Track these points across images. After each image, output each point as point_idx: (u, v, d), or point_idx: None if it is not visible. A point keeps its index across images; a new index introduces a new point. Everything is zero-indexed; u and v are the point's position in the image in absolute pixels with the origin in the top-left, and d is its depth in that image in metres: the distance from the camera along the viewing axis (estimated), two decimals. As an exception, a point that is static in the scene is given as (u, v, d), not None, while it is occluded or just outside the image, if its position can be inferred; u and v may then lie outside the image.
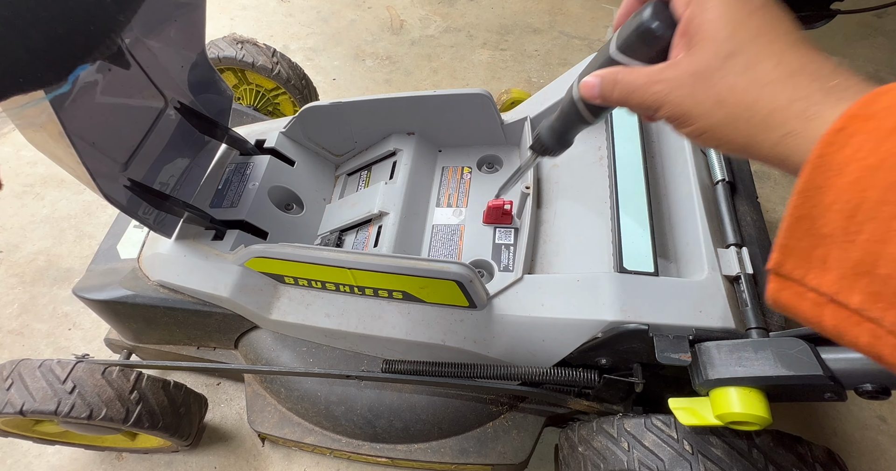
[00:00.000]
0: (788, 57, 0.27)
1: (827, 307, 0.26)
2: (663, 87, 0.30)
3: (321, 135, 0.84)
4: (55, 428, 0.81)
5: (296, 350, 0.74)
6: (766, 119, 0.27)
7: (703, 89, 0.29)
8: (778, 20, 0.28)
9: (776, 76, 0.27)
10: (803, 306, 0.27)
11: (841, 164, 0.24)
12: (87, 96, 0.54)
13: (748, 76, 0.28)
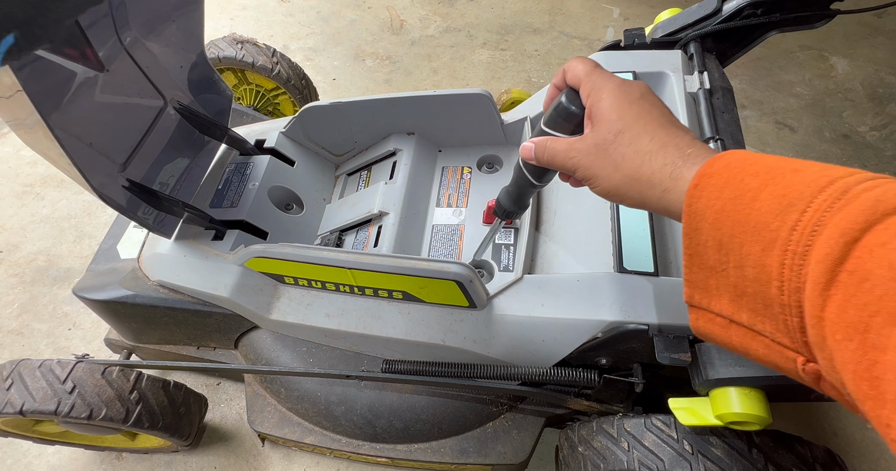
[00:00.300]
0: (659, 134, 0.36)
1: (731, 328, 0.33)
2: (576, 155, 0.39)
3: (321, 135, 0.84)
4: (55, 428, 0.81)
5: (296, 350, 0.74)
6: (649, 180, 0.36)
7: (603, 157, 0.37)
8: (651, 106, 0.38)
9: (651, 148, 0.36)
10: (716, 330, 0.34)
11: (702, 210, 0.32)
12: (85, 96, 0.54)
13: (632, 148, 0.36)
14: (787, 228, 0.28)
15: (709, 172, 0.32)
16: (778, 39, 1.53)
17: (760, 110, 1.40)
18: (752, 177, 0.30)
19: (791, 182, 0.29)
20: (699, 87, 0.69)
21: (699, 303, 0.35)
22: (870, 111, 1.38)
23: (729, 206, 0.30)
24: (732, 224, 0.30)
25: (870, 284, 0.24)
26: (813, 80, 1.46)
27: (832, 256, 0.25)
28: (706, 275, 0.33)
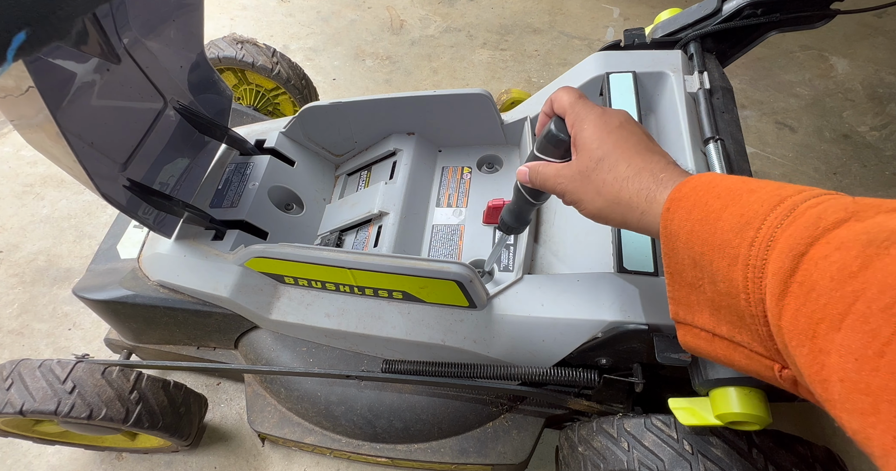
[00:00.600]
0: (636, 160, 0.39)
1: (714, 341, 0.35)
2: (563, 180, 0.43)
3: (321, 135, 0.84)
4: (55, 428, 0.81)
5: (296, 350, 0.74)
6: (628, 203, 0.38)
7: (586, 183, 0.41)
8: (630, 134, 0.41)
9: (628, 174, 0.38)
10: (702, 345, 0.36)
11: (676, 231, 0.34)
12: (86, 96, 0.54)
13: (612, 174, 0.39)
14: (746, 245, 0.30)
15: (678, 196, 0.35)
16: (778, 39, 1.53)
17: (760, 110, 1.40)
18: (714, 199, 0.33)
19: (748, 202, 0.31)
20: (699, 87, 0.69)
21: (684, 319, 0.37)
22: (870, 111, 1.38)
23: (697, 226, 0.33)
24: (702, 243, 0.33)
25: (815, 293, 0.26)
26: (813, 80, 1.46)
27: (784, 269, 0.27)
28: (687, 292, 0.36)
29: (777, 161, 1.28)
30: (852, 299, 0.24)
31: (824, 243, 0.26)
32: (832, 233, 0.26)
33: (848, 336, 0.24)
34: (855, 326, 0.24)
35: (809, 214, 0.28)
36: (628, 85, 0.71)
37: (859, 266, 0.25)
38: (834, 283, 0.25)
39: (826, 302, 0.25)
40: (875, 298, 0.23)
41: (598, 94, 0.75)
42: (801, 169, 1.27)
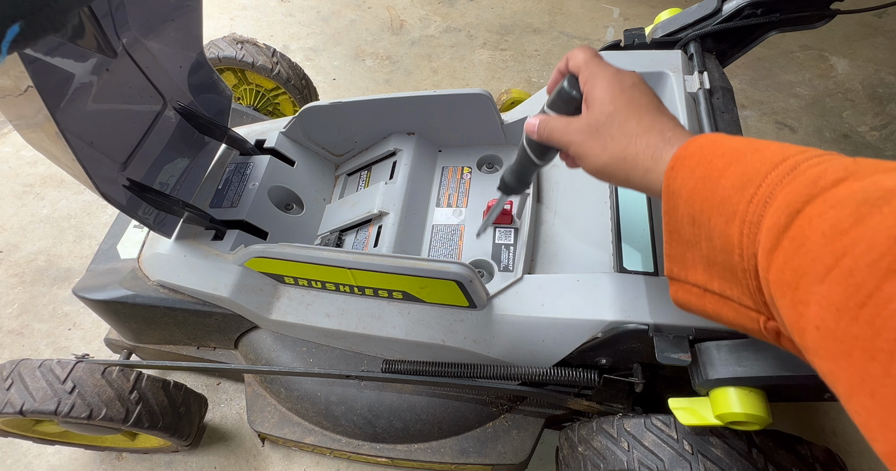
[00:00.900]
0: (645, 119, 0.40)
1: (705, 297, 0.37)
2: (571, 133, 0.43)
3: (321, 135, 0.84)
4: (55, 428, 0.81)
5: (296, 350, 0.74)
6: (633, 160, 0.39)
7: (594, 137, 0.41)
8: (641, 94, 0.42)
9: (637, 131, 0.39)
10: (692, 300, 0.38)
11: (678, 189, 0.35)
12: (85, 95, 0.54)
13: (621, 130, 0.40)
14: (744, 202, 0.31)
15: (683, 154, 0.36)
16: (778, 39, 1.53)
17: (760, 110, 1.40)
18: (719, 157, 0.34)
19: (751, 161, 0.32)
20: (699, 87, 0.69)
21: (678, 275, 0.38)
22: (870, 111, 1.38)
23: (700, 184, 0.34)
24: (702, 201, 0.34)
25: (805, 248, 0.27)
26: (813, 80, 1.46)
27: (779, 225, 0.28)
28: (683, 249, 0.37)
29: (777, 161, 1.28)
30: (841, 254, 0.25)
31: (821, 202, 0.27)
32: (829, 192, 0.27)
33: (830, 288, 0.25)
34: (839, 280, 0.25)
35: (809, 173, 0.29)
36: (628, 85, 0.71)
37: (851, 223, 0.25)
38: (825, 238, 0.26)
39: (815, 257, 0.26)
40: (863, 253, 0.24)
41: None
42: (801, 169, 1.26)
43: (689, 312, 0.39)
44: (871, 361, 0.23)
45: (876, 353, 0.23)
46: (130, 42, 0.59)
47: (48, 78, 0.48)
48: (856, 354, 0.24)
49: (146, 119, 0.66)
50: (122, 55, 0.59)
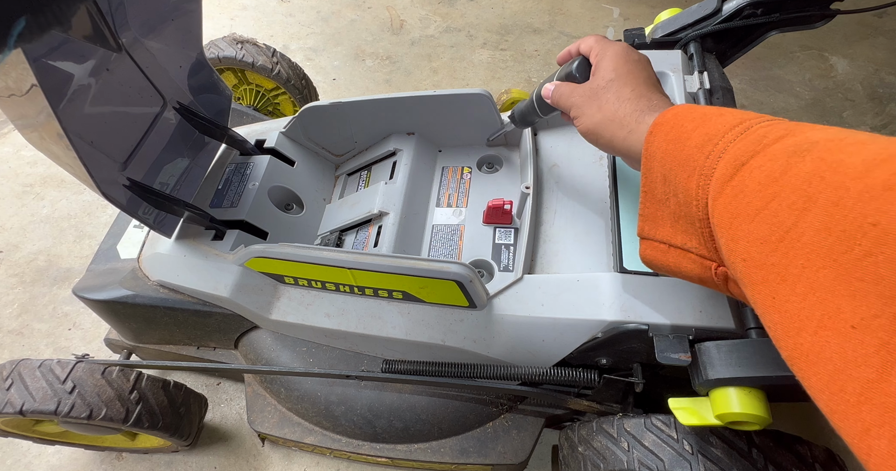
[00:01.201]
0: (640, 88, 0.45)
1: (669, 251, 0.40)
2: (575, 96, 0.48)
3: (321, 135, 0.84)
4: (55, 428, 0.81)
5: (296, 350, 0.74)
6: (621, 121, 0.43)
7: (593, 99, 0.46)
8: (642, 69, 0.47)
9: (630, 97, 0.44)
10: (657, 255, 0.42)
11: (654, 152, 0.39)
12: (85, 94, 0.54)
13: (616, 95, 0.45)
14: (703, 157, 0.35)
15: (661, 120, 0.40)
16: (778, 39, 1.53)
17: (760, 110, 1.39)
18: (689, 121, 0.38)
19: (714, 124, 0.36)
20: (699, 87, 0.69)
21: (648, 234, 0.42)
22: (870, 111, 1.38)
23: (671, 146, 0.38)
24: (672, 160, 0.37)
25: (743, 194, 0.31)
26: (813, 80, 1.46)
27: (726, 175, 0.33)
28: (655, 208, 0.41)
29: (777, 161, 1.28)
30: (770, 198, 0.29)
31: (762, 156, 0.31)
32: (771, 147, 0.31)
33: (758, 226, 0.29)
34: (765, 219, 0.29)
35: (758, 133, 0.33)
36: (628, 85, 0.71)
37: (781, 172, 0.29)
38: (759, 186, 0.30)
39: (749, 201, 0.30)
40: (786, 196, 0.28)
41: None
42: (801, 169, 1.26)
43: (655, 268, 0.43)
44: (781, 283, 0.27)
45: (787, 276, 0.27)
46: (130, 42, 0.59)
47: (52, 76, 0.48)
48: (771, 278, 0.28)
49: (146, 119, 0.66)
50: (121, 55, 0.59)
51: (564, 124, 0.80)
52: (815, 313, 0.25)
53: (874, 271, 0.23)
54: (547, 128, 0.80)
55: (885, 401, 0.22)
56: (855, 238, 0.24)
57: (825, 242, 0.25)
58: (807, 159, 0.28)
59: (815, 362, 0.25)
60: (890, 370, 0.22)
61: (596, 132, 0.45)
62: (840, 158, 0.27)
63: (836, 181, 0.26)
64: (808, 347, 0.26)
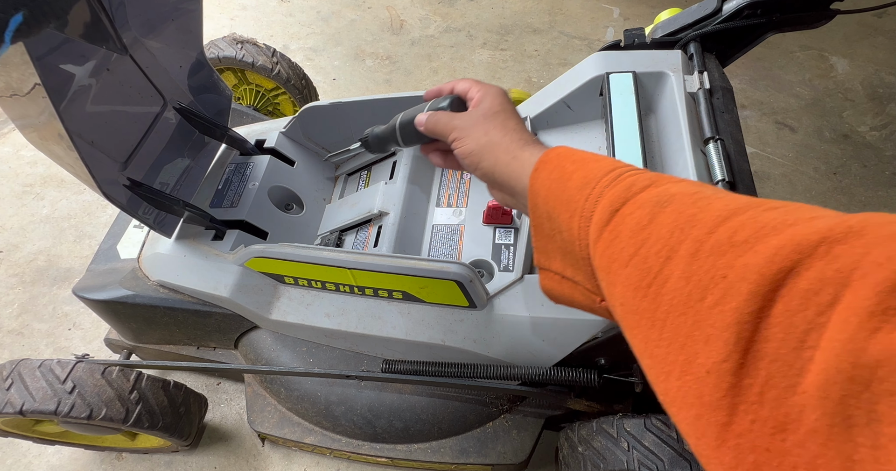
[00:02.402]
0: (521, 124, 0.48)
1: (563, 282, 0.42)
2: (457, 122, 0.49)
3: (321, 135, 0.84)
4: (55, 428, 0.81)
5: (296, 350, 0.74)
6: (506, 147, 0.46)
7: (479, 124, 0.48)
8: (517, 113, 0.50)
9: (514, 128, 0.47)
10: (553, 285, 0.44)
11: (538, 189, 0.41)
12: (86, 94, 0.54)
13: (503, 124, 0.47)
14: (582, 200, 0.37)
15: (545, 159, 0.42)
16: (778, 39, 1.53)
17: (760, 110, 1.40)
18: (570, 163, 0.40)
19: (591, 168, 0.38)
20: (699, 87, 0.69)
21: (543, 265, 0.44)
22: (870, 111, 1.38)
23: (554, 185, 0.40)
24: (555, 199, 0.39)
25: (618, 240, 0.33)
26: (813, 80, 1.46)
27: (603, 219, 0.35)
28: (545, 242, 0.43)
29: (777, 161, 1.28)
30: (640, 245, 0.31)
31: (631, 203, 0.34)
32: (638, 196, 0.34)
33: (631, 272, 0.31)
34: (637, 265, 0.31)
35: (627, 181, 0.35)
36: (628, 85, 0.71)
37: (648, 220, 0.32)
38: (631, 232, 0.32)
39: (623, 247, 0.32)
40: (653, 244, 0.30)
41: (598, 94, 0.75)
42: (801, 169, 1.27)
43: (552, 297, 0.45)
44: (651, 328, 0.29)
45: (655, 321, 0.29)
46: (130, 42, 0.59)
47: (54, 75, 0.48)
48: (643, 323, 0.30)
49: (146, 119, 0.66)
50: (122, 55, 0.59)
51: (564, 124, 0.80)
52: (679, 359, 0.27)
53: (722, 319, 0.25)
54: (547, 128, 0.80)
55: (737, 443, 0.23)
56: (708, 288, 0.26)
57: (685, 290, 0.27)
58: (668, 210, 0.31)
59: (682, 406, 0.26)
60: (737, 412, 0.24)
61: (480, 154, 0.47)
62: (694, 212, 0.30)
63: (693, 234, 0.29)
64: (675, 392, 0.27)
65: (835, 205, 1.20)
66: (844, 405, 0.21)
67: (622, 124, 0.72)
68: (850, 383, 0.20)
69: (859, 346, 0.20)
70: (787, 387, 0.23)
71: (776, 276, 0.24)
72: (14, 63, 0.44)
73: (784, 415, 0.22)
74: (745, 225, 0.27)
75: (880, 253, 0.22)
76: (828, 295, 0.22)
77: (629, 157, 0.68)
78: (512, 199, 0.47)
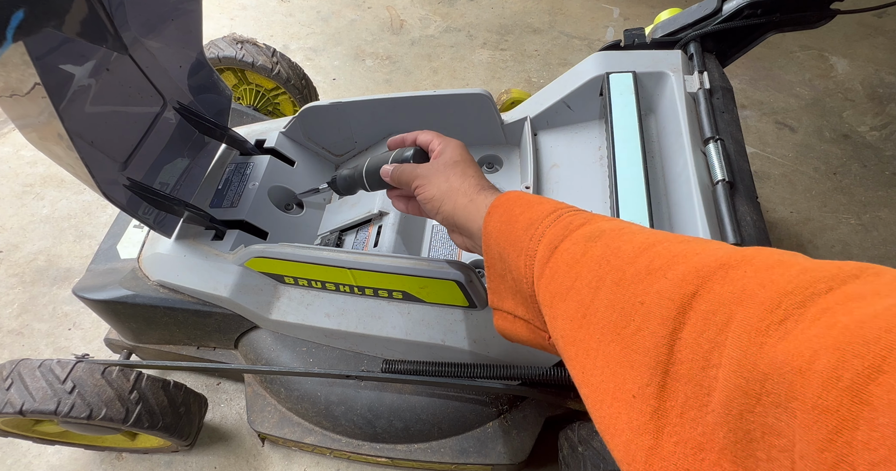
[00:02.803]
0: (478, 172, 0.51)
1: (515, 321, 0.44)
2: (421, 171, 0.52)
3: (321, 135, 0.84)
4: (55, 428, 0.81)
5: (296, 350, 0.74)
6: (465, 191, 0.48)
7: (441, 172, 0.51)
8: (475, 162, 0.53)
9: (473, 175, 0.50)
10: (507, 325, 0.45)
11: (491, 231, 0.43)
12: (85, 94, 0.54)
13: (462, 172, 0.50)
14: (527, 240, 0.39)
15: (497, 203, 0.44)
16: (778, 39, 1.53)
17: (760, 110, 1.40)
18: (517, 206, 0.42)
19: (536, 210, 0.40)
20: (699, 87, 0.69)
21: (496, 305, 0.46)
22: (870, 111, 1.38)
23: (504, 227, 0.42)
24: (505, 240, 0.41)
25: (557, 275, 0.35)
26: (813, 80, 1.46)
27: (544, 256, 0.37)
28: (498, 282, 0.44)
29: (777, 161, 1.28)
30: (575, 278, 0.33)
31: (568, 240, 0.36)
32: (574, 233, 0.36)
33: (568, 305, 0.33)
34: (573, 297, 0.33)
35: (566, 220, 0.38)
36: (628, 85, 0.71)
37: (581, 254, 0.34)
38: (567, 267, 0.34)
39: (562, 281, 0.34)
40: (585, 276, 0.32)
41: (598, 94, 0.75)
42: (801, 169, 1.27)
43: (506, 337, 0.46)
44: (586, 357, 0.30)
45: (589, 350, 0.30)
46: (130, 41, 0.59)
47: (53, 75, 0.48)
48: (580, 353, 0.31)
49: (146, 119, 0.66)
50: (122, 54, 0.59)
51: (564, 124, 0.80)
52: (610, 386, 0.28)
53: (643, 344, 0.26)
54: (547, 128, 0.80)
55: (662, 466, 0.24)
56: (630, 315, 0.28)
57: (612, 318, 0.29)
58: (598, 244, 0.33)
59: (614, 433, 0.27)
60: (661, 435, 0.24)
61: (440, 199, 0.49)
62: (619, 245, 0.32)
63: (617, 265, 0.31)
64: (608, 419, 0.27)
65: (835, 205, 1.20)
66: (743, 421, 0.21)
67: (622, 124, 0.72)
68: (745, 398, 0.21)
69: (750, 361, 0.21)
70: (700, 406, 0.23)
71: (683, 300, 0.26)
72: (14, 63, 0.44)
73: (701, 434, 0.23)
74: (660, 254, 0.29)
75: (765, 276, 0.24)
76: (724, 315, 0.24)
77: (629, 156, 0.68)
78: (470, 241, 0.49)
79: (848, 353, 0.18)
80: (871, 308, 0.19)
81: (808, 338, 0.20)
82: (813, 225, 1.17)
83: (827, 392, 0.18)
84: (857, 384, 0.17)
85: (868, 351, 0.18)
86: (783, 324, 0.21)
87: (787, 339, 0.21)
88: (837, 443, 0.17)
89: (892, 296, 0.20)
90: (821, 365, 0.19)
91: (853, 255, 1.12)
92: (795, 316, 0.21)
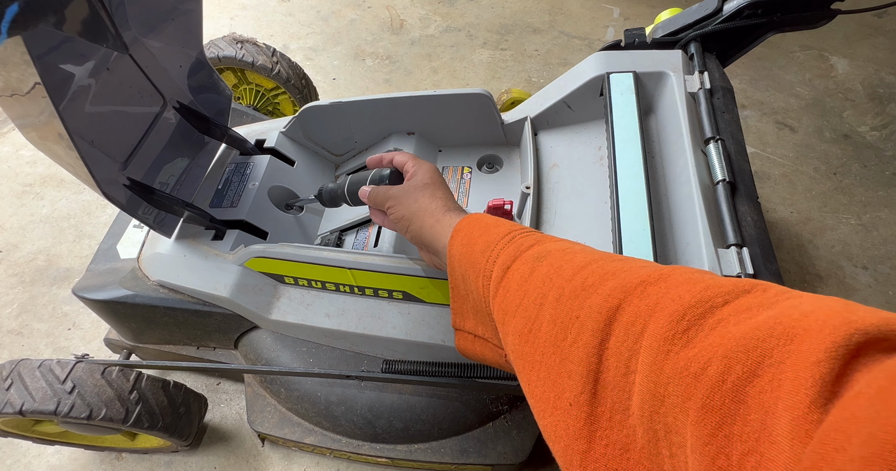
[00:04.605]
0: (447, 194, 0.53)
1: (476, 341, 0.46)
2: (393, 192, 0.54)
3: (321, 135, 0.84)
4: (55, 428, 0.80)
5: (296, 350, 0.74)
6: (432, 212, 0.50)
7: (411, 194, 0.53)
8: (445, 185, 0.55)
9: (441, 196, 0.52)
10: (467, 345, 0.47)
11: (454, 254, 0.45)
12: (85, 94, 0.54)
13: (431, 194, 0.52)
14: (484, 261, 0.41)
15: (459, 227, 0.46)
16: (778, 39, 1.53)
17: (760, 110, 1.40)
18: (477, 229, 0.44)
19: (492, 233, 0.42)
20: (699, 87, 0.69)
21: (459, 326, 0.47)
22: (870, 111, 1.38)
23: (465, 249, 0.44)
24: (465, 262, 0.43)
25: (508, 293, 0.37)
26: (813, 80, 1.46)
27: (498, 277, 0.38)
28: (461, 302, 0.46)
29: (777, 161, 1.28)
30: (523, 296, 0.35)
31: (519, 260, 0.38)
32: (525, 253, 0.38)
33: (517, 321, 0.35)
34: (521, 314, 0.34)
35: (518, 241, 0.40)
36: (628, 85, 0.71)
37: (529, 273, 0.36)
38: (517, 285, 0.36)
39: (512, 299, 0.36)
40: (531, 293, 0.34)
41: (598, 94, 0.75)
42: (801, 169, 1.27)
43: (468, 357, 0.48)
44: (532, 370, 0.32)
45: (534, 363, 0.32)
46: (130, 41, 0.59)
47: (54, 75, 0.48)
48: (527, 366, 0.32)
49: (146, 119, 0.66)
50: (122, 54, 0.59)
51: (565, 124, 0.80)
52: (551, 395, 0.30)
53: (577, 355, 0.28)
54: (547, 128, 0.80)
55: (594, 467, 0.26)
56: (568, 328, 0.30)
57: (553, 332, 0.31)
58: (543, 264, 0.35)
59: (555, 440, 0.28)
60: (594, 439, 0.26)
61: (409, 219, 0.51)
62: (561, 264, 0.34)
63: (558, 282, 0.33)
64: (551, 427, 0.29)
65: (835, 205, 1.20)
66: (652, 421, 0.24)
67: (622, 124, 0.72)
68: (654, 400, 0.24)
69: (658, 366, 0.24)
70: (623, 410, 0.26)
71: (609, 312, 0.28)
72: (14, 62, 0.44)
73: (626, 436, 0.25)
74: (594, 272, 0.32)
75: (675, 292, 0.26)
76: (639, 325, 0.26)
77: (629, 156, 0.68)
78: (438, 259, 0.51)
79: (733, 360, 0.21)
80: (754, 320, 0.22)
81: (704, 347, 0.23)
82: (813, 225, 1.17)
83: (713, 394, 0.21)
84: (738, 386, 0.20)
85: (748, 358, 0.21)
86: (686, 333, 0.24)
87: (688, 346, 0.23)
88: (718, 437, 0.20)
89: (772, 308, 0.23)
90: (712, 370, 0.21)
91: (854, 255, 1.12)
92: (696, 326, 0.24)
